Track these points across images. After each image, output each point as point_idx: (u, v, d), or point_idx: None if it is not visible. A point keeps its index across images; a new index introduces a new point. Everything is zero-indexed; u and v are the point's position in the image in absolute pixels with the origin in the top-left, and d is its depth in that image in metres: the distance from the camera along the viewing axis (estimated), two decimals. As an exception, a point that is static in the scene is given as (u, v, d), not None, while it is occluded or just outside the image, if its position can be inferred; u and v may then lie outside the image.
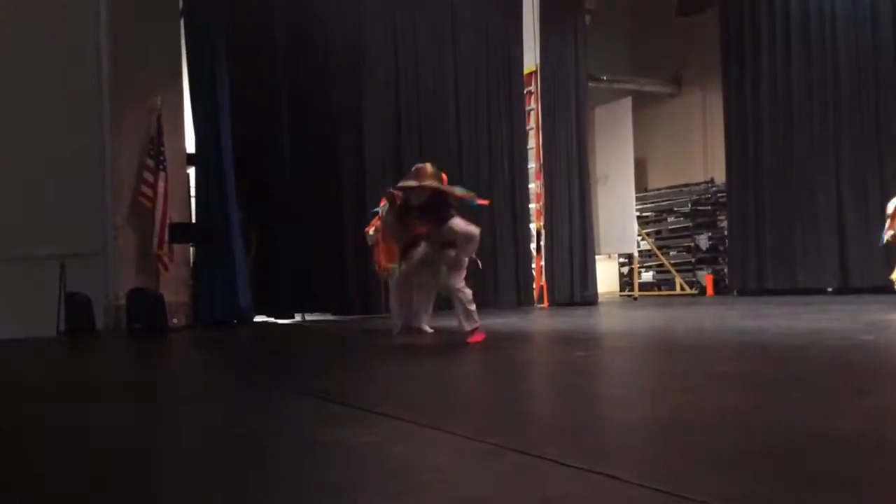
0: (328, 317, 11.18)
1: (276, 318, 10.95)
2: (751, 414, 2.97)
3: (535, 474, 2.16)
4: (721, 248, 15.35)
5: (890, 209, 8.86)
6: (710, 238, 15.54)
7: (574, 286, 13.01)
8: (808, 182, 12.88)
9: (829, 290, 12.50)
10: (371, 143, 11.44)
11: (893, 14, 11.90)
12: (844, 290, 12.24)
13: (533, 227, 13.33)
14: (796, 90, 13.11)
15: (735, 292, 14.12)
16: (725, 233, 15.03)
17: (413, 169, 6.31)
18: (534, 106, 13.48)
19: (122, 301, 9.18)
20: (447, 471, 2.25)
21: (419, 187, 6.10)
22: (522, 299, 12.71)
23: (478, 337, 6.15)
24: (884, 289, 11.44)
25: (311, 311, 11.27)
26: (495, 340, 6.46)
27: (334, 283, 10.95)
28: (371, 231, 8.27)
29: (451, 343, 6.37)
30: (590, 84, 14.02)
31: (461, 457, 2.42)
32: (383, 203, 8.29)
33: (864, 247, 12.14)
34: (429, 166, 6.29)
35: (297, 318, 11.08)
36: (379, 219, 8.17)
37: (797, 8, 13.15)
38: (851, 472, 2.03)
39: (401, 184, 6.25)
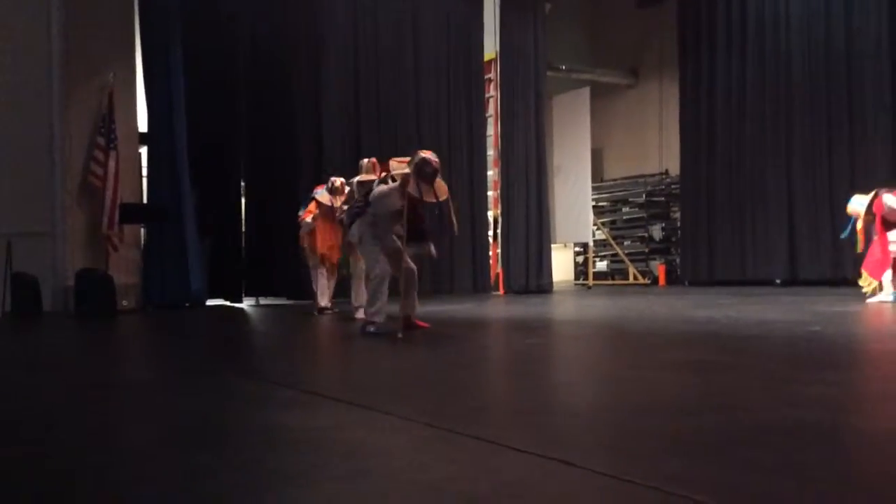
0: (282, 301, 11.08)
1: (229, 301, 10.82)
2: (699, 400, 3.02)
3: (489, 460, 2.17)
4: (674, 239, 15.59)
5: (856, 209, 8.50)
6: (663, 229, 15.76)
7: (529, 274, 13.09)
8: (760, 176, 13.13)
9: (777, 281, 12.78)
10: (330, 126, 11.33)
11: (845, 12, 12.14)
12: (792, 281, 12.53)
13: (490, 214, 13.37)
14: (750, 84, 13.33)
15: (686, 282, 14.36)
16: (678, 224, 15.27)
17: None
18: (493, 93, 13.48)
19: (71, 282, 8.98)
20: (400, 456, 2.24)
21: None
22: (478, 286, 12.75)
23: (423, 323, 6.23)
24: (831, 281, 11.75)
25: (265, 295, 11.16)
26: (450, 327, 6.47)
27: (289, 268, 10.83)
28: (309, 218, 8.25)
29: (406, 328, 6.36)
30: (548, 73, 14.07)
31: (414, 442, 2.41)
32: (321, 188, 8.31)
33: (813, 240, 12.43)
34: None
35: (251, 301, 10.98)
36: (315, 204, 8.21)
37: (753, 3, 13.36)
38: (796, 458, 2.08)
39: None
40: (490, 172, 13.38)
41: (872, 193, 8.37)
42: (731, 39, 13.68)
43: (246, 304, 10.81)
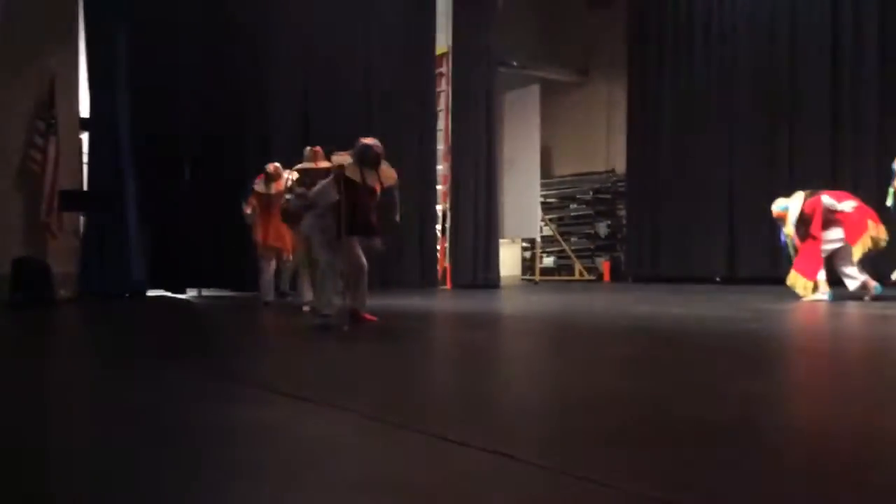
0: (226, 293, 10.92)
1: (170, 292, 10.62)
2: (640, 396, 3.08)
3: (435, 454, 2.18)
4: (619, 236, 15.84)
5: (786, 211, 8.75)
6: (609, 226, 15.99)
7: (477, 269, 13.15)
8: (703, 176, 13.41)
9: (718, 279, 13.08)
10: (277, 116, 11.19)
11: (791, 16, 12.44)
12: (732, 279, 12.84)
13: (439, 208, 13.38)
14: (697, 86, 13.59)
15: (630, 279, 14.60)
16: (623, 221, 15.52)
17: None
18: (444, 88, 13.48)
19: (7, 270, 8.72)
20: (347, 450, 2.24)
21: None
22: (425, 280, 12.76)
23: (371, 316, 6.14)
24: (769, 279, 12.05)
25: (208, 286, 10.98)
26: (397, 321, 6.47)
27: (232, 259, 10.66)
28: (249, 210, 8.27)
29: (355, 322, 6.34)
30: (500, 69, 14.14)
31: (362, 436, 2.42)
32: (260, 178, 8.27)
33: (752, 239, 12.74)
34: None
35: (193, 292, 10.79)
36: (256, 196, 8.20)
37: (702, 6, 13.63)
38: (727, 454, 2.14)
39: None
40: (440, 167, 13.40)
41: (804, 194, 8.57)
42: (678, 41, 13.95)
43: (188, 295, 10.63)
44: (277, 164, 8.29)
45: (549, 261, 16.69)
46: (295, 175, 7.54)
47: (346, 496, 1.81)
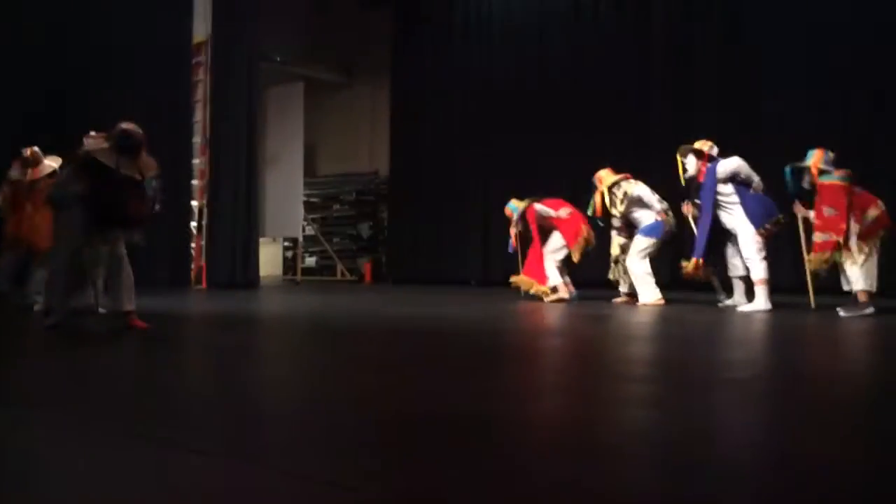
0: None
1: None
2: (380, 394, 3.10)
3: (170, 464, 2.03)
4: (380, 238, 16.08)
5: (512, 213, 9.51)
6: (371, 227, 16.19)
7: (235, 268, 12.69)
8: (462, 181, 13.96)
9: (473, 282, 13.69)
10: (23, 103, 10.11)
11: (553, 25, 13.23)
12: (486, 282, 13.49)
13: (194, 204, 12.75)
14: (458, 93, 14.12)
15: (391, 280, 14.88)
16: (385, 223, 15.78)
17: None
18: (202, 77, 12.86)
19: None
20: (76, 465, 2.02)
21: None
22: (179, 279, 12.10)
23: (141, 323, 5.55)
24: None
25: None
26: (147, 323, 6.05)
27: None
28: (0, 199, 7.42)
29: (104, 326, 5.85)
30: (263, 64, 13.77)
31: (96, 449, 2.19)
32: (17, 164, 7.46)
33: (505, 244, 13.48)
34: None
35: None
36: (9, 184, 7.39)
37: (465, 14, 14.19)
38: (463, 448, 2.20)
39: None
40: (196, 161, 12.76)
41: (525, 202, 9.39)
42: (442, 49, 14.41)
43: None
44: (36, 149, 7.46)
45: (311, 261, 16.57)
46: (58, 162, 6.92)
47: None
